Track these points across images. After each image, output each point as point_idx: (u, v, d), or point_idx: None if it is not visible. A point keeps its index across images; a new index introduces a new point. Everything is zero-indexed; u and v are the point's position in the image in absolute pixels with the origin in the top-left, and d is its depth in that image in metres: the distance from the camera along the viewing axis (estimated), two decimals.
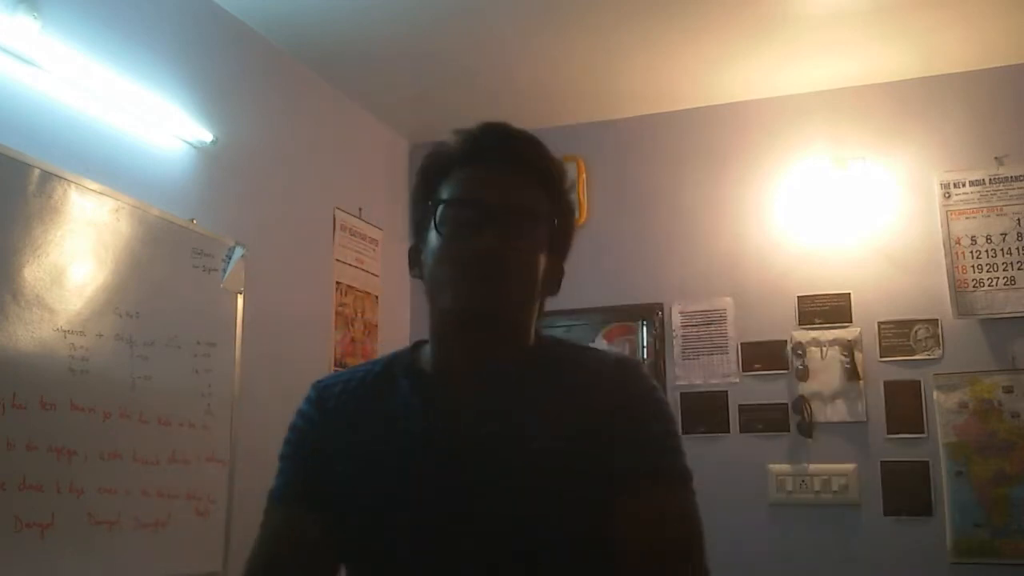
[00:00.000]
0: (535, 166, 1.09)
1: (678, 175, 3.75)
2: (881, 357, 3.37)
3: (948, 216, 3.35)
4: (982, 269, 3.28)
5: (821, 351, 3.44)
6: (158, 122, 2.65)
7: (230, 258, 2.81)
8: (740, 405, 3.50)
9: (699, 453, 3.80)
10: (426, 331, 1.16)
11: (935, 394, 3.27)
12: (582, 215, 3.83)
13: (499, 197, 1.05)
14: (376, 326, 3.70)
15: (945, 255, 3.33)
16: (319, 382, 1.18)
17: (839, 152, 3.49)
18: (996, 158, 3.32)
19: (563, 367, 1.10)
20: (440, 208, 1.06)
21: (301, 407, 1.17)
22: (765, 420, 3.45)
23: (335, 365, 3.41)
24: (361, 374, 1.16)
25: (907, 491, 3.24)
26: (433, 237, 1.07)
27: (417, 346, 1.16)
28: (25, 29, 2.20)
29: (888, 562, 3.22)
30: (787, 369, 3.47)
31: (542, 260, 1.07)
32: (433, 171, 1.11)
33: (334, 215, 3.52)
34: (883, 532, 3.25)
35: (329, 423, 1.12)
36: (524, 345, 1.11)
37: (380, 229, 3.79)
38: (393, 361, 1.16)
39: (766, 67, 3.42)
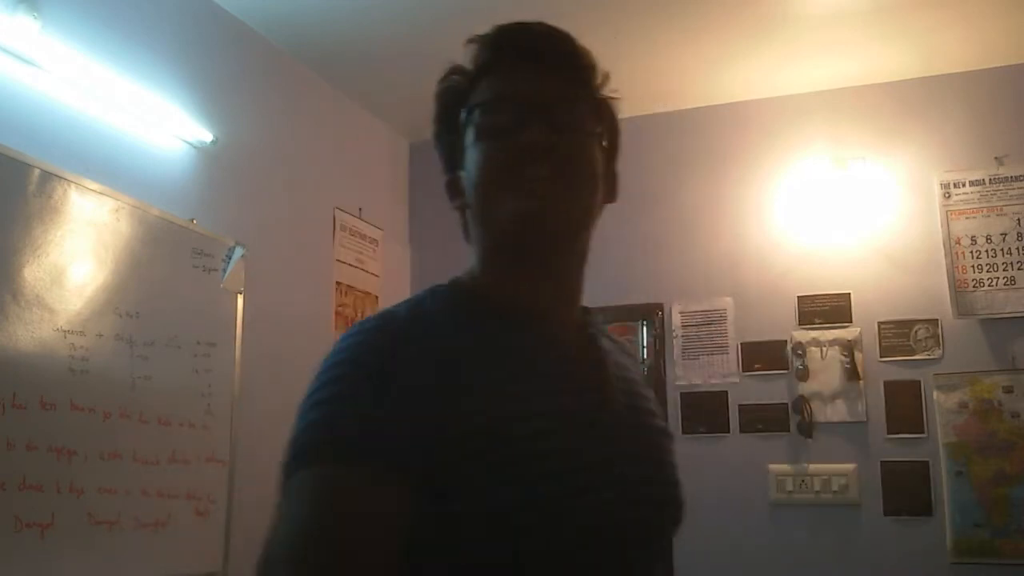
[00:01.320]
0: (568, 60, 0.97)
1: (678, 175, 3.75)
2: (881, 357, 3.37)
3: (948, 216, 3.35)
4: (982, 269, 3.28)
5: (821, 351, 3.43)
6: (158, 122, 2.65)
7: (230, 258, 2.81)
8: (740, 405, 3.50)
9: (699, 453, 3.83)
10: None
11: (935, 394, 3.27)
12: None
13: (539, 92, 0.92)
14: None
15: (945, 255, 3.33)
16: (380, 313, 0.92)
17: (839, 152, 3.49)
18: (996, 158, 3.32)
19: (604, 332, 1.06)
20: (475, 113, 0.93)
21: (363, 339, 0.87)
22: (765, 420, 3.45)
23: None
24: (430, 309, 0.91)
25: (907, 491, 3.24)
26: (472, 153, 0.93)
27: (458, 281, 0.98)
28: (25, 29, 2.20)
29: (888, 562, 3.22)
30: (787, 369, 3.47)
31: (598, 154, 0.95)
32: (455, 91, 0.98)
33: (334, 215, 3.52)
34: (883, 532, 3.25)
35: (422, 358, 0.83)
36: (582, 278, 1.00)
37: (380, 229, 3.79)
38: (451, 294, 0.95)
39: (766, 67, 3.42)
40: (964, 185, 3.35)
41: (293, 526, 0.76)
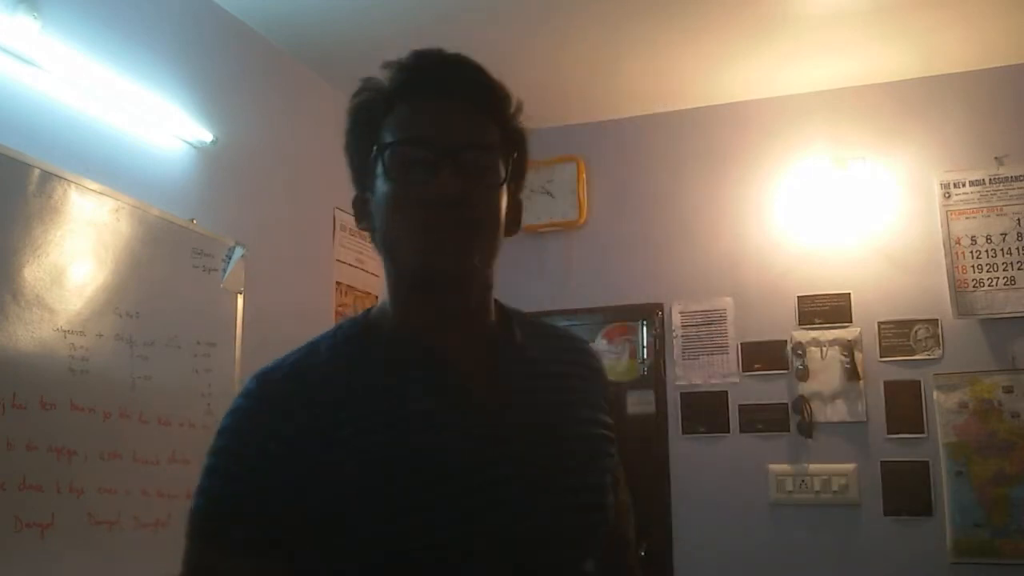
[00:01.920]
0: (480, 95, 0.99)
1: (678, 175, 3.75)
2: (881, 357, 3.37)
3: (948, 216, 3.35)
4: (982, 269, 3.28)
5: (821, 351, 3.44)
6: (158, 122, 2.65)
7: (230, 258, 2.81)
8: (740, 405, 3.50)
9: (699, 453, 3.83)
10: None
11: (935, 394, 3.27)
12: (582, 215, 3.83)
13: (452, 134, 0.95)
14: None
15: (945, 255, 3.33)
16: (262, 372, 0.98)
17: (839, 152, 3.49)
18: (996, 158, 3.32)
19: (539, 339, 1.07)
20: (387, 152, 0.96)
21: (239, 405, 0.95)
22: (765, 420, 3.45)
23: None
24: (319, 356, 0.99)
25: (907, 491, 3.24)
26: (382, 185, 0.96)
27: (369, 315, 1.05)
28: (25, 29, 2.20)
29: (888, 562, 3.22)
30: (787, 369, 3.47)
31: (504, 198, 0.99)
32: (370, 110, 1.01)
33: (334, 215, 3.52)
34: (883, 532, 3.25)
35: (290, 419, 0.91)
36: (490, 300, 1.03)
37: None
38: (350, 335, 1.02)
39: (766, 67, 3.42)
40: (964, 185, 3.35)
41: None
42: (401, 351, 0.97)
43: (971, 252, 3.30)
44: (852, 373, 3.37)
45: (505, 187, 0.99)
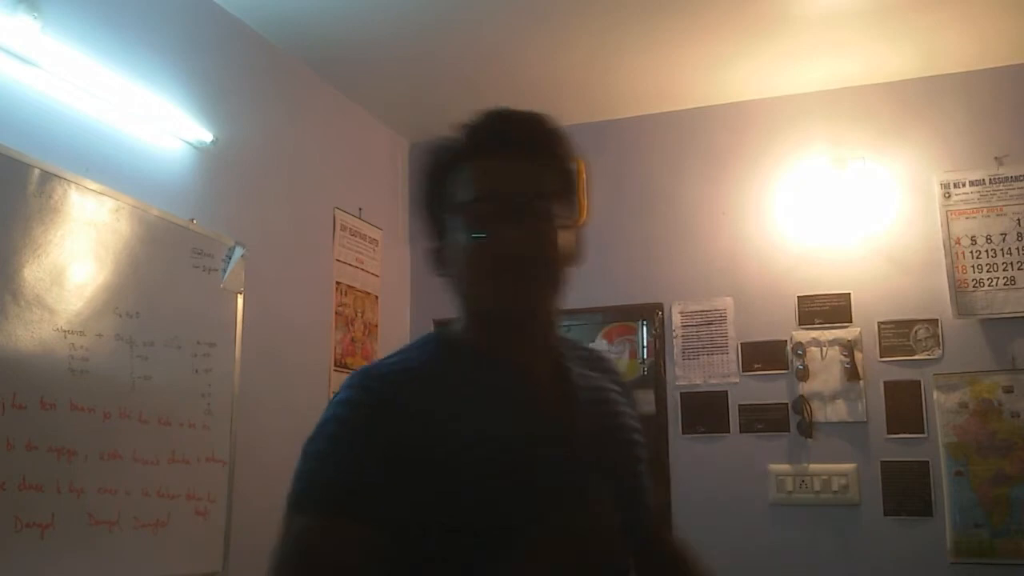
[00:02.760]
0: (540, 146, 1.12)
1: (678, 175, 3.75)
2: (881, 357, 3.37)
3: (948, 216, 3.35)
4: (982, 269, 3.28)
5: (821, 351, 3.44)
6: (158, 122, 2.65)
7: (230, 258, 2.81)
8: (740, 405, 3.50)
9: (699, 453, 3.82)
10: (424, 331, 1.17)
11: (935, 394, 3.27)
12: (582, 215, 3.82)
13: (516, 187, 1.08)
14: (376, 326, 3.70)
15: (945, 255, 3.33)
16: (367, 370, 1.10)
17: (839, 152, 3.49)
18: (996, 158, 3.32)
19: (582, 356, 1.22)
20: (458, 207, 1.09)
21: (349, 397, 1.04)
22: (765, 420, 3.45)
23: (335, 365, 3.41)
24: (414, 362, 1.09)
25: (907, 491, 3.24)
26: (454, 237, 1.09)
27: (447, 332, 1.15)
28: (25, 29, 2.20)
29: (888, 562, 3.22)
30: (787, 369, 3.47)
31: (567, 238, 1.12)
32: (440, 168, 1.13)
33: (334, 215, 3.52)
34: (883, 532, 3.25)
35: (397, 413, 1.02)
36: (557, 322, 1.16)
37: (380, 229, 3.79)
38: (438, 347, 1.13)
39: (766, 67, 3.42)
40: (964, 185, 3.35)
41: (276, 558, 0.99)
42: (482, 364, 1.10)
43: (971, 252, 3.30)
44: (852, 373, 3.37)
45: (566, 227, 1.11)
